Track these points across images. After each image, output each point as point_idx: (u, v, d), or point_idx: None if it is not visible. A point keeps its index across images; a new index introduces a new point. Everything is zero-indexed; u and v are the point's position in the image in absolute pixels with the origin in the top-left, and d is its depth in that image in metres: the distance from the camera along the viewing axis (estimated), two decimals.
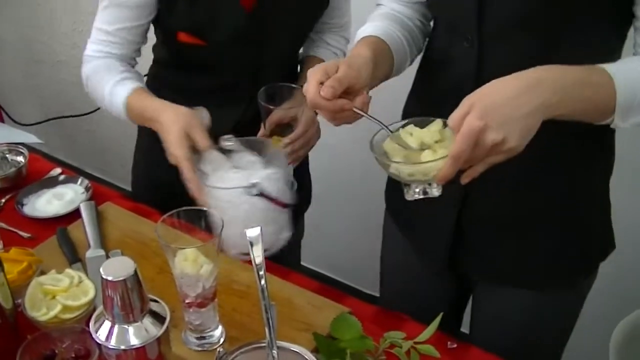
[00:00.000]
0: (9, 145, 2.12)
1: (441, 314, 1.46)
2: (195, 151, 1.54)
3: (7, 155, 2.09)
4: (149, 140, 1.88)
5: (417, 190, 1.28)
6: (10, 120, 3.77)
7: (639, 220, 2.26)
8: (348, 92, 1.33)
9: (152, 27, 1.83)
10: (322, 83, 1.30)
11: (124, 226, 1.74)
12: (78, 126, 3.97)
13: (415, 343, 1.43)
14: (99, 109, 3.42)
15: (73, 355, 1.35)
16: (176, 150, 1.54)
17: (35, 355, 1.33)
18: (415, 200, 1.29)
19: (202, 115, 1.60)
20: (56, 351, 1.35)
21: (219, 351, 1.22)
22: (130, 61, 1.85)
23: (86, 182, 1.98)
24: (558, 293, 1.60)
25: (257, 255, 1.17)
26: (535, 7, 1.31)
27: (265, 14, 1.72)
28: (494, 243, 1.57)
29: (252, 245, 1.17)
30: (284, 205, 1.46)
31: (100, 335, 1.20)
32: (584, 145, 1.44)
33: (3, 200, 1.93)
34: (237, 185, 1.36)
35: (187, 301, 1.37)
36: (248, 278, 1.57)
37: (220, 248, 1.36)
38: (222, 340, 1.44)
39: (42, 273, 1.54)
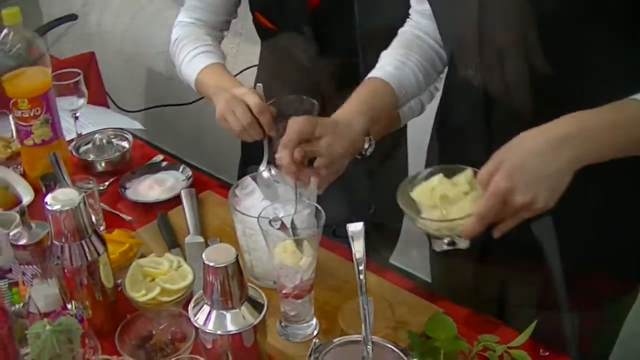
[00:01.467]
0: (114, 131, 2.17)
1: (535, 321, 1.44)
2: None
3: (113, 140, 2.14)
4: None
5: (445, 241, 1.29)
6: (114, 107, 3.86)
7: None
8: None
9: None
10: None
11: (223, 215, 1.75)
12: (178, 115, 4.04)
13: (509, 348, 1.41)
14: (198, 100, 3.53)
15: (169, 338, 1.38)
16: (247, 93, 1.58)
17: (133, 334, 1.37)
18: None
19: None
20: (153, 332, 1.39)
21: (314, 342, 1.22)
22: (217, 33, 1.89)
23: (187, 169, 2.01)
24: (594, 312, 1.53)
25: (358, 250, 1.18)
26: (534, 27, 1.27)
27: (328, 14, 1.71)
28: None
29: (353, 239, 1.18)
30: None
31: (199, 319, 1.23)
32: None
33: (107, 184, 1.98)
34: (261, 216, 1.38)
35: (284, 292, 1.38)
36: (345, 274, 1.57)
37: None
38: (315, 332, 1.44)
39: (142, 256, 1.58)
